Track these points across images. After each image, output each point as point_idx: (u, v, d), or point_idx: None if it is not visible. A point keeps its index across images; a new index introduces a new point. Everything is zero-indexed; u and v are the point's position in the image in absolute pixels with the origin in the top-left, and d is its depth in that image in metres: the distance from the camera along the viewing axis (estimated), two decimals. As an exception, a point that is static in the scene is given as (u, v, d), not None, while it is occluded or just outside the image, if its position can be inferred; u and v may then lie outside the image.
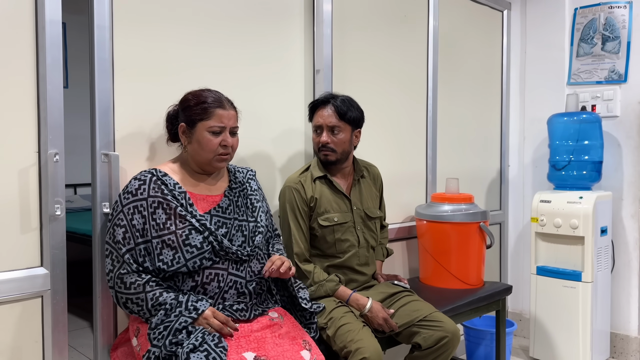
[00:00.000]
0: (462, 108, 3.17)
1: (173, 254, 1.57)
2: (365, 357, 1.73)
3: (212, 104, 1.66)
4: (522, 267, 3.49)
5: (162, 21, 1.85)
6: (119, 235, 1.58)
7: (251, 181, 1.86)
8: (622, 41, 3.08)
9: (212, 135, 1.65)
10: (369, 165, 2.30)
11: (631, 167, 3.06)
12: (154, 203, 1.60)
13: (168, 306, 1.52)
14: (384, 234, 2.39)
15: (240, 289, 1.67)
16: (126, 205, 1.59)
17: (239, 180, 1.82)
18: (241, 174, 1.85)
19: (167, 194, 1.61)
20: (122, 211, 1.59)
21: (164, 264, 1.57)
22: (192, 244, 1.59)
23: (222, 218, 1.69)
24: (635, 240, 3.07)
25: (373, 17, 2.61)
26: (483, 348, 2.84)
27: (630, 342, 3.07)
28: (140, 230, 1.58)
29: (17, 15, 1.54)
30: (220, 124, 1.66)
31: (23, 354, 1.57)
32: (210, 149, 1.66)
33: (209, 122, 1.65)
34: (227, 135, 1.68)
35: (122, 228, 1.58)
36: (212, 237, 1.61)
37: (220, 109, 1.66)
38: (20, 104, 1.55)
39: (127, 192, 1.61)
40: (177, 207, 1.60)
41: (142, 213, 1.59)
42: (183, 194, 1.64)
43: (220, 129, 1.66)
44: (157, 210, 1.59)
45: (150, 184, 1.62)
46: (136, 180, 1.62)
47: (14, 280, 1.53)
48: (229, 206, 1.73)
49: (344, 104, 2.05)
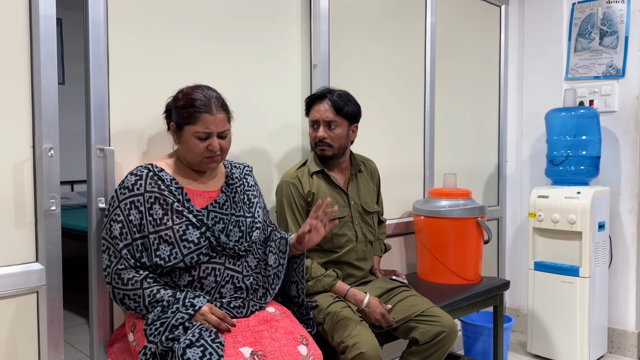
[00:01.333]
0: (459, 103, 3.16)
1: (170, 250, 1.57)
2: (362, 352, 1.73)
3: (200, 108, 1.61)
4: (520, 262, 3.50)
5: (157, 16, 1.84)
6: (115, 230, 1.57)
7: (248, 177, 1.85)
8: (620, 36, 3.07)
9: (198, 140, 1.62)
10: (366, 160, 2.30)
11: (629, 162, 3.06)
12: (151, 198, 1.59)
13: (165, 303, 1.51)
14: (382, 230, 2.39)
15: (237, 284, 1.67)
16: (123, 200, 1.58)
17: (236, 176, 1.81)
18: (238, 170, 1.84)
19: (163, 189, 1.60)
20: (118, 206, 1.58)
21: (161, 260, 1.56)
22: (189, 239, 1.58)
23: (219, 213, 1.68)
24: (632, 236, 3.07)
25: (370, 12, 2.60)
26: (481, 343, 2.84)
27: (628, 337, 3.08)
28: (137, 226, 1.57)
29: (11, 10, 1.53)
30: (206, 130, 1.61)
31: (18, 350, 1.57)
32: (197, 152, 1.64)
33: (195, 127, 1.61)
34: (214, 140, 1.63)
35: (119, 223, 1.57)
36: (209, 232, 1.61)
37: (206, 114, 1.60)
38: (15, 99, 1.54)
39: (124, 187, 1.60)
40: (173, 203, 1.59)
41: (139, 208, 1.58)
42: (180, 190, 1.63)
43: (206, 135, 1.62)
44: (153, 205, 1.58)
45: (147, 179, 1.60)
46: (132, 176, 1.61)
47: (9, 276, 1.53)
48: (226, 202, 1.72)
49: (340, 98, 2.04)
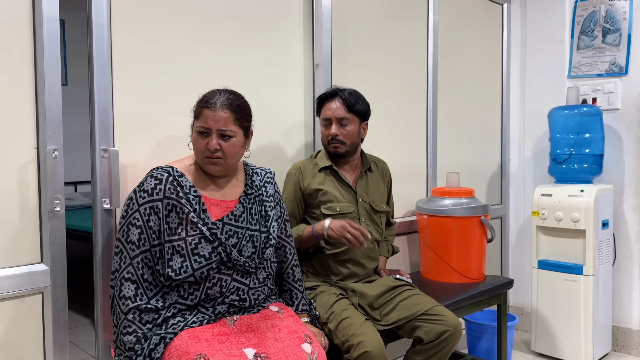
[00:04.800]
0: (462, 102, 3.16)
1: (181, 262, 1.54)
2: (367, 351, 1.73)
3: (202, 103, 1.61)
4: (524, 260, 3.49)
5: (160, 18, 1.84)
6: (134, 235, 1.55)
7: (268, 185, 1.79)
8: (623, 33, 3.06)
9: (198, 136, 1.61)
10: (378, 160, 2.31)
11: (632, 160, 3.05)
12: (169, 205, 1.56)
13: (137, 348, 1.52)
14: (391, 231, 2.39)
15: (242, 295, 1.65)
16: (142, 205, 1.56)
17: (255, 184, 1.76)
18: (258, 177, 1.79)
19: (181, 196, 1.57)
20: (138, 210, 1.56)
21: (172, 271, 1.54)
22: (200, 253, 1.55)
23: (233, 227, 1.64)
24: (636, 233, 3.06)
25: (372, 11, 2.60)
26: (485, 342, 2.84)
27: (632, 335, 3.07)
28: (156, 232, 1.56)
29: (14, 11, 1.54)
30: (205, 125, 1.59)
31: (24, 351, 1.57)
32: (198, 150, 1.62)
33: (198, 121, 1.61)
34: (212, 138, 1.59)
35: (137, 228, 1.55)
36: (222, 247, 1.57)
37: (207, 109, 1.58)
38: (19, 100, 1.55)
39: (143, 190, 1.57)
40: (189, 213, 1.56)
41: (157, 215, 1.56)
42: (197, 199, 1.60)
43: (204, 130, 1.60)
44: (170, 213, 1.56)
45: (167, 184, 1.57)
46: (152, 179, 1.58)
47: (14, 277, 1.53)
48: (243, 213, 1.67)
49: (351, 96, 2.07)
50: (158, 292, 1.58)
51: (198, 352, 1.44)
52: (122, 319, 1.52)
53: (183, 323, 1.54)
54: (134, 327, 1.52)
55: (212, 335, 1.53)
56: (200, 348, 1.46)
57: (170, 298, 1.58)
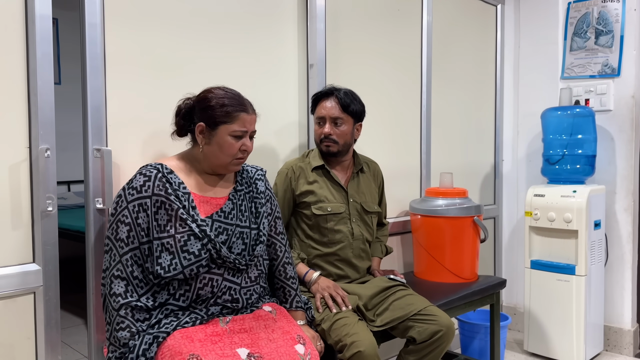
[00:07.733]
0: (456, 103, 3.17)
1: (170, 259, 1.54)
2: (360, 351, 1.73)
3: (237, 107, 1.62)
4: (516, 261, 3.51)
5: (153, 17, 1.84)
6: (122, 233, 1.55)
7: (258, 182, 1.79)
8: (616, 35, 3.08)
9: (234, 139, 1.62)
10: (370, 161, 2.31)
11: (624, 161, 3.07)
12: (157, 202, 1.56)
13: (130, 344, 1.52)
14: (384, 232, 2.40)
15: (235, 295, 1.64)
16: (131, 202, 1.55)
17: (245, 181, 1.76)
18: (249, 174, 1.79)
19: (170, 193, 1.57)
20: (126, 207, 1.55)
21: (161, 269, 1.53)
22: (189, 250, 1.55)
23: (223, 223, 1.64)
24: (628, 234, 3.08)
25: (366, 11, 2.60)
26: (477, 342, 2.85)
27: (624, 335, 3.09)
28: (145, 230, 1.56)
29: (6, 9, 1.53)
30: (243, 129, 1.62)
31: (15, 351, 1.56)
32: (230, 153, 1.62)
33: (233, 125, 1.61)
34: (247, 140, 1.65)
35: (126, 226, 1.55)
36: (211, 244, 1.57)
37: (244, 113, 1.62)
38: (11, 99, 1.54)
39: (132, 187, 1.57)
40: (178, 209, 1.56)
41: (146, 212, 1.55)
42: (187, 196, 1.60)
43: (242, 134, 1.63)
44: (159, 210, 1.56)
45: (155, 180, 1.57)
46: (141, 176, 1.57)
47: (6, 277, 1.52)
48: (232, 210, 1.67)
49: (347, 96, 2.07)
50: (148, 291, 1.57)
51: (191, 353, 1.44)
52: (115, 315, 1.52)
53: (176, 322, 1.54)
54: (127, 323, 1.52)
55: (205, 336, 1.52)
56: (193, 348, 1.46)
57: (160, 297, 1.58)
